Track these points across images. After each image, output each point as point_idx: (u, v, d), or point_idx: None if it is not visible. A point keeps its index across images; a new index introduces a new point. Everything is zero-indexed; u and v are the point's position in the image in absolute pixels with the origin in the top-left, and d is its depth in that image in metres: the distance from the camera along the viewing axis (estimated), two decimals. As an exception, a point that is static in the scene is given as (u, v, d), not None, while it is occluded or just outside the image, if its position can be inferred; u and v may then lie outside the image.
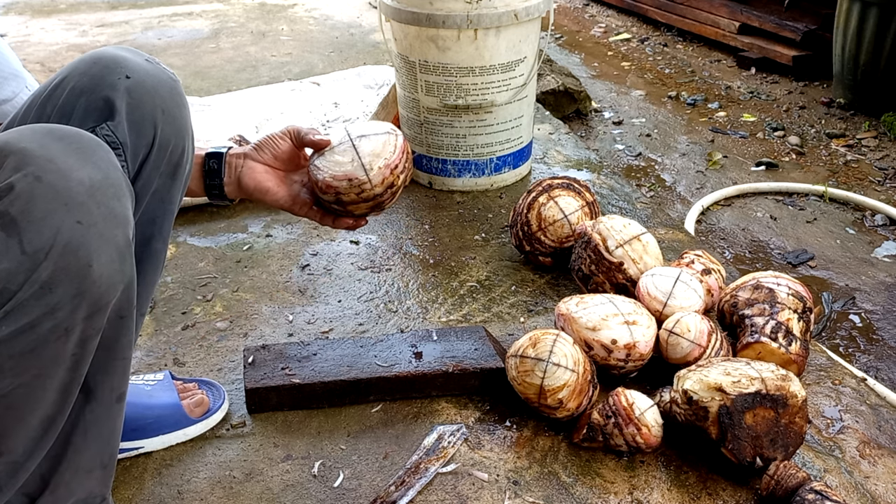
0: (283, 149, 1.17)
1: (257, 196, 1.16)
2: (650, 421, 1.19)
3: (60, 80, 0.94)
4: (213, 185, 1.14)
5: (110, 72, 0.93)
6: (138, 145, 0.94)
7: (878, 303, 2.01)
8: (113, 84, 0.92)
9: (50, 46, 3.67)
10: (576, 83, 3.12)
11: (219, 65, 3.36)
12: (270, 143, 1.16)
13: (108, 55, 0.95)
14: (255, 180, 1.15)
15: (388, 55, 2.11)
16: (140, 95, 0.94)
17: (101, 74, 0.93)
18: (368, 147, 1.15)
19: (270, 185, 1.16)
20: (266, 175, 1.16)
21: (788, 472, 1.10)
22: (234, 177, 1.14)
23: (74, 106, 0.92)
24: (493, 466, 1.20)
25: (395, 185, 1.17)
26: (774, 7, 3.74)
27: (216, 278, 1.71)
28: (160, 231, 1.03)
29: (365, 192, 1.15)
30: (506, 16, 1.88)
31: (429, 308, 1.60)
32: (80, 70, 0.93)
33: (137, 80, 0.94)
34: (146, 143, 0.95)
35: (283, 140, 1.17)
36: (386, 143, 1.16)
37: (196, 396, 1.28)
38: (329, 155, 1.16)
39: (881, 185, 2.63)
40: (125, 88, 0.93)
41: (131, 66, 0.94)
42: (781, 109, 3.26)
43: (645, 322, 1.32)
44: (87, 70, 0.93)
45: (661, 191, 2.64)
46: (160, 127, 0.96)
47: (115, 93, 0.92)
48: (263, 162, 1.16)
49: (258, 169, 1.15)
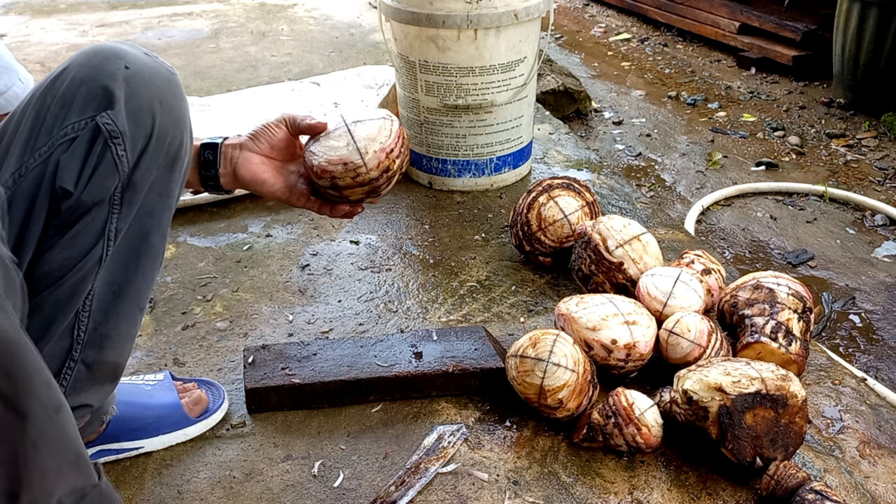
0: (279, 137, 1.17)
1: (254, 187, 1.16)
2: (650, 421, 1.19)
3: (60, 71, 0.95)
4: (209, 176, 1.14)
5: (109, 62, 0.94)
6: (137, 135, 0.94)
7: (878, 303, 2.01)
8: (112, 73, 0.93)
9: (50, 46, 3.67)
10: (576, 83, 3.13)
11: (219, 65, 3.36)
12: (266, 132, 1.16)
13: (108, 47, 0.96)
14: (251, 171, 1.14)
15: (388, 55, 2.11)
16: (138, 85, 0.94)
17: (100, 65, 0.94)
18: (364, 131, 1.15)
19: (267, 177, 1.16)
20: (262, 166, 1.16)
21: (788, 472, 1.10)
22: (230, 168, 1.14)
23: (74, 95, 0.92)
24: (493, 466, 1.20)
25: (390, 170, 1.16)
26: (774, 7, 3.74)
27: (216, 278, 1.71)
28: (159, 225, 1.03)
29: (360, 176, 1.14)
30: (506, 16, 1.88)
31: (429, 308, 1.60)
32: (80, 62, 0.94)
33: (136, 70, 0.95)
34: (145, 133, 0.95)
35: (279, 128, 1.17)
36: (381, 127, 1.16)
37: (196, 396, 1.28)
38: (324, 140, 1.16)
39: (881, 185, 2.63)
40: (123, 78, 0.93)
41: (130, 58, 0.95)
42: (781, 109, 3.26)
43: (645, 322, 1.32)
44: (87, 61, 0.94)
45: (661, 191, 2.64)
46: (158, 118, 0.96)
47: (113, 82, 0.93)
48: (259, 152, 1.16)
49: (254, 160, 1.15)
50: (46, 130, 0.93)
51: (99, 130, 0.92)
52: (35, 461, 0.77)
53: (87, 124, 0.92)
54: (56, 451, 0.79)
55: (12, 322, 0.73)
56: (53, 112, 0.93)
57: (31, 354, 0.75)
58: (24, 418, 0.75)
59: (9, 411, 0.74)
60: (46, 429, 0.77)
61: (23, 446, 0.76)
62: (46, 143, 0.92)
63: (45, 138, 0.93)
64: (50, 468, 0.79)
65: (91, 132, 0.92)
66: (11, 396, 0.74)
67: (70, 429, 0.81)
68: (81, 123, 0.93)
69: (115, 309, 1.05)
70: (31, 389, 0.75)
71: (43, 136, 0.93)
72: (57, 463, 0.80)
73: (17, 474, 0.76)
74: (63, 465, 0.80)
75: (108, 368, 1.09)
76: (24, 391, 0.75)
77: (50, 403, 0.78)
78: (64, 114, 0.93)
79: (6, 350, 0.72)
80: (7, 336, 0.72)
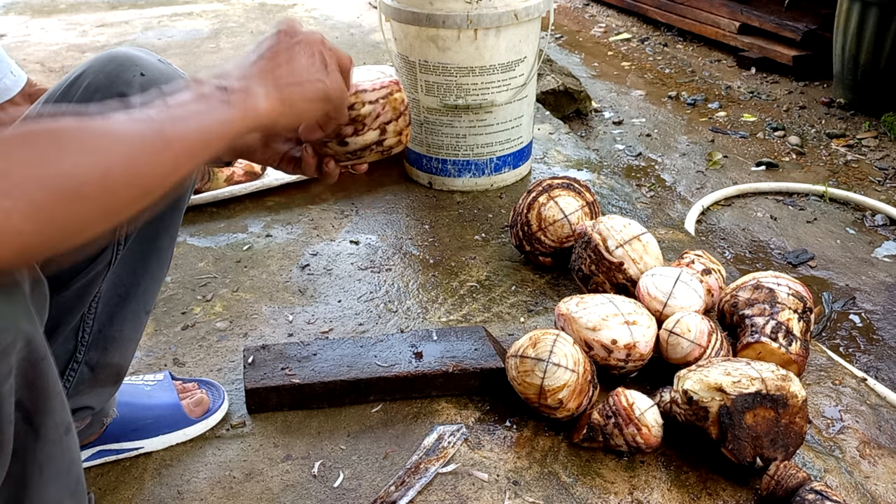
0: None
1: (245, 156, 1.13)
2: (650, 421, 1.19)
3: (76, 77, 0.95)
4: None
5: (125, 69, 0.95)
6: None
7: (878, 303, 2.01)
8: (128, 81, 0.94)
9: (50, 46, 3.67)
10: (576, 83, 3.12)
11: (219, 65, 3.36)
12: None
13: (123, 54, 0.96)
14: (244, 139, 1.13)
15: (388, 55, 2.11)
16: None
17: (116, 72, 0.94)
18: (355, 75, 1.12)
19: (258, 145, 1.14)
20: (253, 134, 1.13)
21: (788, 472, 1.10)
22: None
23: (90, 102, 0.93)
24: (493, 466, 1.20)
25: (356, 111, 1.05)
26: (774, 7, 3.74)
27: (216, 278, 1.71)
28: (167, 228, 1.03)
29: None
30: (506, 16, 1.88)
31: (429, 308, 1.60)
32: (96, 68, 0.95)
33: (151, 77, 0.95)
34: None
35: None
36: (370, 74, 1.11)
37: (196, 396, 1.28)
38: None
39: (881, 185, 2.63)
40: (140, 85, 0.94)
41: (145, 64, 0.96)
42: (781, 109, 3.26)
43: (645, 322, 1.32)
44: (103, 68, 0.95)
45: (661, 191, 2.64)
46: None
47: (130, 89, 0.94)
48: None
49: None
50: None
51: None
52: (37, 489, 0.76)
53: None
54: (58, 479, 0.78)
55: (42, 338, 0.72)
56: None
57: (53, 371, 0.75)
58: (37, 437, 0.74)
59: (26, 426, 0.73)
60: (55, 452, 0.76)
61: (31, 468, 0.75)
62: None
63: None
64: (51, 499, 0.78)
65: None
66: (31, 411, 0.73)
67: (75, 451, 0.80)
68: None
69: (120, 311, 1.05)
70: (49, 406, 0.74)
71: None
72: (57, 493, 0.78)
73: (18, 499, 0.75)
74: (63, 496, 0.79)
75: (111, 371, 1.09)
76: (42, 407, 0.74)
77: (62, 423, 0.77)
78: None
79: (33, 362, 0.71)
80: (36, 349, 0.71)
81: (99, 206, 0.63)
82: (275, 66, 0.77)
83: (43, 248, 0.61)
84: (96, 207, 0.62)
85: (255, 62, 0.77)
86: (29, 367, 0.71)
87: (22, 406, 0.71)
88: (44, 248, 0.61)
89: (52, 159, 0.60)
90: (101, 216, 0.63)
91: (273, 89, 0.76)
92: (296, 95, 0.78)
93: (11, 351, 0.68)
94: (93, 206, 0.62)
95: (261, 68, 0.77)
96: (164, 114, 0.68)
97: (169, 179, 0.67)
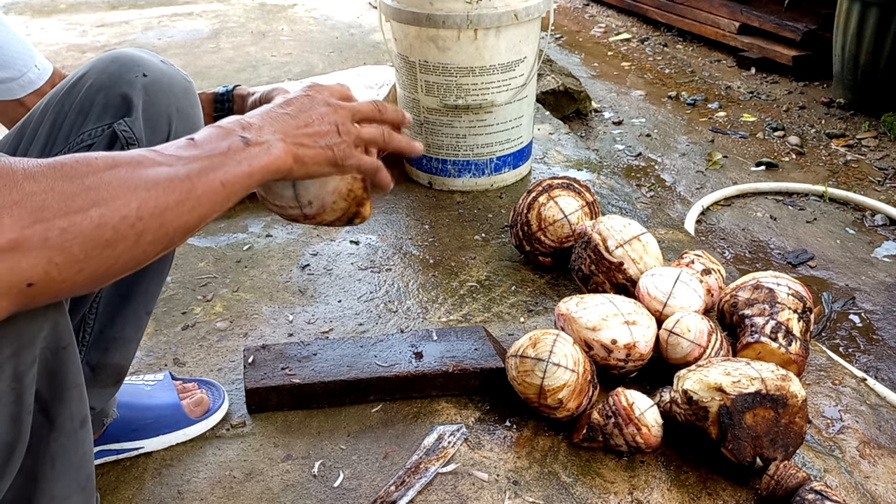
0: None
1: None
2: (650, 421, 1.19)
3: (79, 77, 0.95)
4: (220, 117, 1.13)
5: (128, 70, 0.95)
6: (153, 142, 0.95)
7: (878, 303, 2.01)
8: (131, 82, 0.94)
9: (50, 46, 3.67)
10: (576, 83, 3.12)
11: (219, 65, 3.36)
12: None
13: (126, 55, 0.97)
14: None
15: (388, 55, 2.11)
16: (156, 93, 0.96)
17: (119, 72, 0.95)
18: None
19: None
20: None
21: (788, 472, 1.10)
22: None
23: (93, 102, 0.93)
24: (493, 466, 1.20)
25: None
26: (774, 7, 3.74)
27: (216, 278, 1.72)
28: None
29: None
30: (506, 16, 1.88)
31: (429, 308, 1.60)
32: (99, 68, 0.95)
33: (154, 78, 0.96)
34: (161, 139, 0.96)
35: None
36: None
37: (196, 396, 1.28)
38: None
39: (881, 185, 2.63)
40: (142, 86, 0.95)
41: (148, 65, 0.96)
42: (781, 109, 3.26)
43: (645, 322, 1.32)
44: (106, 68, 0.95)
45: (661, 191, 2.64)
46: (174, 125, 0.97)
47: (132, 90, 0.94)
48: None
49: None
50: (63, 137, 0.93)
51: (116, 137, 0.93)
52: (48, 482, 0.75)
53: (104, 131, 0.93)
54: (69, 473, 0.78)
55: (68, 324, 0.73)
56: (70, 119, 0.94)
57: (75, 360, 0.75)
58: (52, 428, 0.74)
59: (42, 417, 0.73)
60: (69, 444, 0.76)
61: (43, 461, 0.75)
62: (62, 150, 0.92)
63: (62, 145, 0.93)
64: (59, 494, 0.77)
65: (108, 139, 0.93)
66: (48, 401, 0.73)
67: (89, 445, 0.80)
68: (98, 130, 0.93)
69: (121, 312, 1.05)
70: (66, 395, 0.74)
71: (59, 143, 0.93)
72: (68, 486, 0.78)
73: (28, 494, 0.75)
74: (72, 490, 0.79)
75: (111, 371, 1.09)
76: (60, 397, 0.74)
77: (79, 414, 0.77)
78: (81, 121, 0.93)
79: (55, 350, 0.72)
80: (61, 336, 0.72)
81: (127, 257, 0.66)
82: (296, 124, 0.80)
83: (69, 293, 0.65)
84: (125, 258, 0.66)
85: (278, 116, 0.80)
86: (50, 355, 0.71)
87: (39, 395, 0.72)
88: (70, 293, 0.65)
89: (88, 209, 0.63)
90: (127, 264, 0.67)
91: (292, 146, 0.78)
92: (308, 157, 0.80)
93: (37, 339, 0.68)
94: (121, 256, 0.65)
95: (284, 124, 0.79)
96: (194, 166, 0.70)
97: (193, 230, 0.71)
